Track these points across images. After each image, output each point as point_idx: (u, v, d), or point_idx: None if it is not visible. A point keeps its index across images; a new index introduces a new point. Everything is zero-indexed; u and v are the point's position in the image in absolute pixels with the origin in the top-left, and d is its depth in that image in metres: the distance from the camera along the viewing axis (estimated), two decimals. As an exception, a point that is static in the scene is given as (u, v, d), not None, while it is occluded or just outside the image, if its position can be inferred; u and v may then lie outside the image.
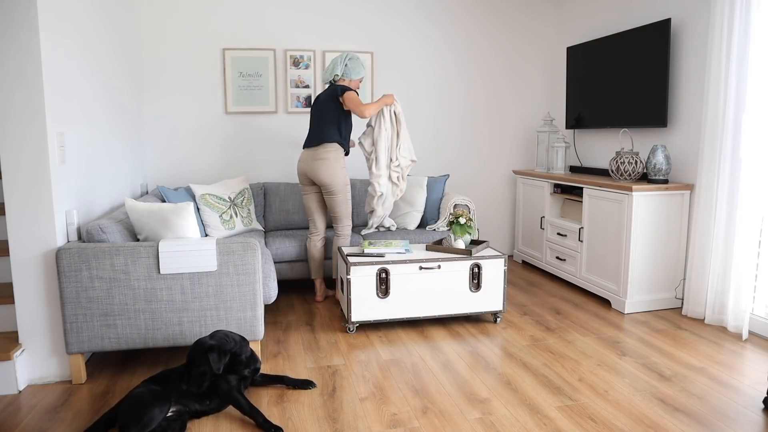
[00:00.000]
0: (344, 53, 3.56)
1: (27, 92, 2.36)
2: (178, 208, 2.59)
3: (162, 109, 4.22)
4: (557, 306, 3.65)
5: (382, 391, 2.45)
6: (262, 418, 2.14)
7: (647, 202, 3.41)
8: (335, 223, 3.60)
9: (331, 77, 3.55)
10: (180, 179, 4.33)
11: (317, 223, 3.66)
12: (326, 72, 3.59)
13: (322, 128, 3.47)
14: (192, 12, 4.17)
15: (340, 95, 3.44)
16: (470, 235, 3.41)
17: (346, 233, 3.60)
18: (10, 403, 2.37)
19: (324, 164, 3.44)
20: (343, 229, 3.59)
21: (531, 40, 4.89)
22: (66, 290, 2.43)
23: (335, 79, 3.55)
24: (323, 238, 3.69)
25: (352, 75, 3.54)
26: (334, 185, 3.47)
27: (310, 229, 3.70)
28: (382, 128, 3.62)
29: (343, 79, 3.55)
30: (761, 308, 3.11)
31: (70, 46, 2.70)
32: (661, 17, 3.69)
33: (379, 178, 3.66)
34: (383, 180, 3.67)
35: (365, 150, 3.70)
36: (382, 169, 3.66)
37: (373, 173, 3.66)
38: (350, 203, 3.58)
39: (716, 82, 3.13)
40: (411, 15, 4.58)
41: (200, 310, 2.55)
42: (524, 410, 2.28)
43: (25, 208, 2.43)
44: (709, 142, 3.20)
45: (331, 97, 3.48)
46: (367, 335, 3.14)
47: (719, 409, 2.27)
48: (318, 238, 3.68)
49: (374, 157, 3.66)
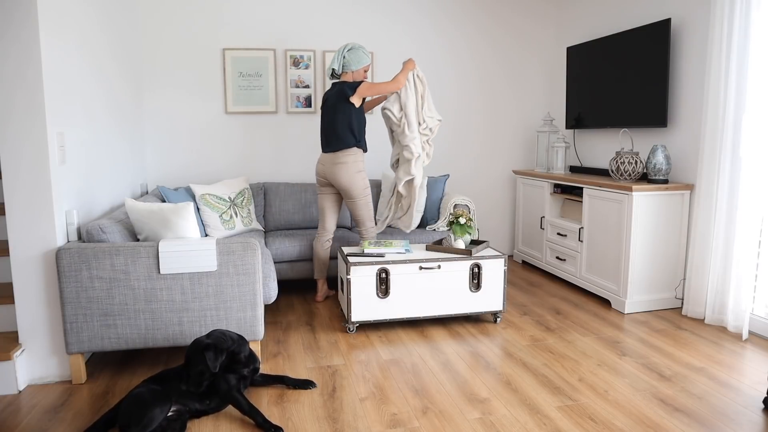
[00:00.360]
0: (344, 45, 3.45)
1: (27, 92, 2.36)
2: (178, 208, 2.59)
3: (162, 109, 4.22)
4: (557, 306, 3.66)
5: (382, 391, 2.45)
6: (261, 418, 2.14)
7: (647, 202, 3.41)
8: (359, 227, 3.58)
9: (335, 71, 3.46)
10: (180, 179, 4.33)
11: (327, 223, 3.64)
12: (328, 68, 3.50)
13: (337, 133, 3.40)
14: (192, 12, 4.17)
15: (350, 95, 3.35)
16: (470, 235, 3.41)
17: (371, 235, 3.58)
18: (10, 403, 2.37)
19: (343, 168, 3.41)
20: (367, 232, 3.57)
21: (531, 40, 4.89)
22: (66, 290, 2.43)
23: (336, 74, 3.47)
24: (330, 239, 3.67)
25: (352, 67, 3.43)
26: (353, 190, 3.44)
27: (319, 229, 3.67)
28: (408, 92, 3.50)
29: (345, 73, 3.46)
30: (761, 308, 3.11)
31: (70, 46, 2.70)
32: (661, 17, 3.69)
33: (414, 140, 3.53)
34: (417, 141, 3.55)
35: (394, 116, 3.51)
36: (415, 131, 3.53)
37: (407, 136, 3.52)
38: (371, 206, 3.54)
39: (716, 82, 3.13)
40: (411, 15, 4.58)
41: (200, 310, 2.55)
42: (524, 410, 2.28)
43: (25, 208, 2.43)
44: (709, 142, 3.20)
45: (339, 99, 3.39)
46: (367, 335, 3.14)
47: (719, 409, 2.27)
48: (326, 239, 3.66)
49: (405, 121, 3.51)
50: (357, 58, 3.42)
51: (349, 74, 3.46)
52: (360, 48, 3.44)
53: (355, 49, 3.42)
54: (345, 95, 3.37)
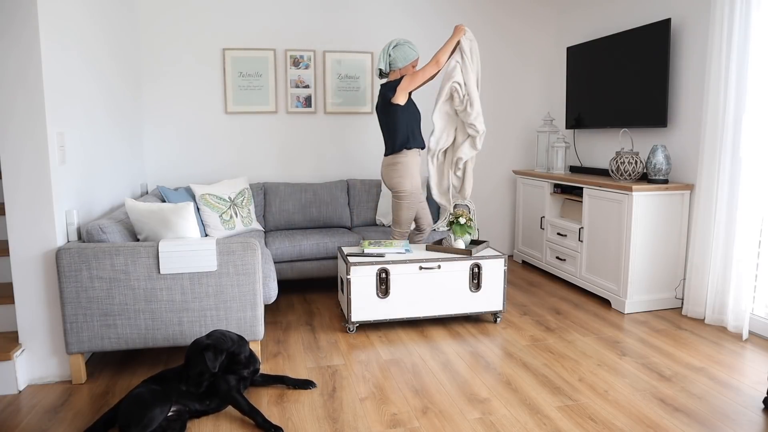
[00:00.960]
0: (389, 42, 3.39)
1: (27, 93, 2.36)
2: (178, 208, 2.59)
3: (162, 108, 4.22)
4: (557, 306, 3.65)
5: (382, 391, 2.45)
6: (261, 418, 2.14)
7: (647, 202, 3.41)
8: (393, 225, 3.55)
9: (383, 70, 3.40)
10: (180, 179, 4.33)
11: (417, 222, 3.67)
12: (375, 68, 3.42)
13: (390, 137, 3.38)
14: (192, 12, 4.17)
15: (391, 97, 3.30)
16: (470, 235, 3.41)
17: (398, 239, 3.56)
18: (10, 403, 2.37)
19: (391, 170, 3.40)
20: (395, 235, 3.55)
21: (531, 40, 4.89)
22: (66, 290, 2.43)
23: (384, 73, 3.42)
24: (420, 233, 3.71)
25: (398, 64, 3.36)
26: (399, 190, 3.40)
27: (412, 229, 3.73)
28: (466, 63, 3.27)
29: (393, 71, 3.41)
30: (761, 308, 3.11)
31: (70, 47, 2.70)
32: (661, 17, 3.69)
33: (478, 116, 3.36)
34: (481, 117, 3.38)
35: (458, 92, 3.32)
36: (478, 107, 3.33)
37: (470, 114, 3.36)
38: (412, 211, 3.46)
39: (716, 82, 3.13)
40: (410, 16, 4.58)
41: (200, 310, 2.55)
42: (524, 410, 2.28)
43: (25, 208, 2.43)
44: (709, 142, 3.20)
45: (383, 103, 3.36)
46: (367, 335, 3.14)
47: (719, 409, 2.27)
48: (418, 238, 3.71)
49: (468, 98, 3.33)
50: (403, 54, 3.36)
51: (397, 72, 3.41)
52: (406, 43, 3.36)
53: (400, 45, 3.36)
54: (386, 98, 3.34)
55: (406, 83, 3.28)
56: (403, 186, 3.38)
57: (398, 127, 3.34)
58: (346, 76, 4.47)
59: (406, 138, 3.36)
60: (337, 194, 4.25)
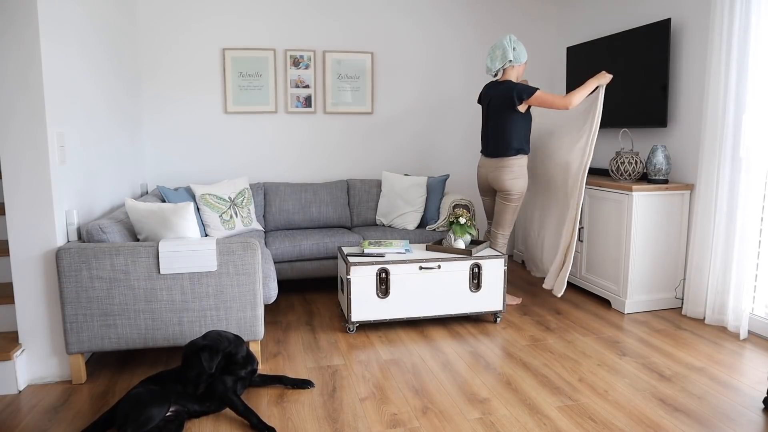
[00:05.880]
0: (502, 38, 3.32)
1: (28, 93, 2.36)
2: (178, 208, 2.59)
3: (162, 108, 4.22)
4: (557, 306, 3.65)
5: (382, 391, 2.45)
6: (256, 419, 2.14)
7: (647, 202, 3.41)
8: (496, 227, 3.55)
9: (503, 65, 3.33)
10: (180, 179, 4.33)
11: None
12: (494, 60, 3.33)
13: (504, 141, 3.36)
14: (192, 12, 4.17)
15: (521, 101, 3.25)
16: (470, 235, 3.41)
17: (502, 243, 3.56)
18: (10, 403, 2.37)
19: (507, 172, 3.39)
20: (501, 238, 3.55)
21: (531, 40, 4.88)
22: (66, 290, 2.43)
23: (505, 66, 3.35)
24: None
25: (521, 59, 3.33)
26: (513, 193, 3.42)
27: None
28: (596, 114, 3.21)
29: (512, 66, 3.36)
30: (761, 308, 3.11)
31: (70, 47, 2.70)
32: (661, 17, 3.69)
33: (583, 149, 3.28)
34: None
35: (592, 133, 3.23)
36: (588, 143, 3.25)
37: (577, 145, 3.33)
38: (517, 215, 3.52)
39: (716, 82, 3.13)
40: (411, 15, 4.58)
41: (200, 310, 2.55)
42: (524, 410, 2.28)
43: (25, 208, 2.43)
44: (709, 142, 3.20)
45: (506, 105, 3.31)
46: (367, 335, 3.14)
47: (719, 409, 2.27)
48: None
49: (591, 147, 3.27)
50: (522, 50, 3.35)
51: (516, 68, 3.38)
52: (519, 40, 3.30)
53: (518, 40, 3.32)
54: (512, 103, 3.30)
55: (537, 100, 3.24)
56: (517, 188, 3.41)
57: (518, 132, 3.34)
58: (346, 76, 4.47)
59: (522, 143, 3.38)
60: (337, 194, 4.25)
